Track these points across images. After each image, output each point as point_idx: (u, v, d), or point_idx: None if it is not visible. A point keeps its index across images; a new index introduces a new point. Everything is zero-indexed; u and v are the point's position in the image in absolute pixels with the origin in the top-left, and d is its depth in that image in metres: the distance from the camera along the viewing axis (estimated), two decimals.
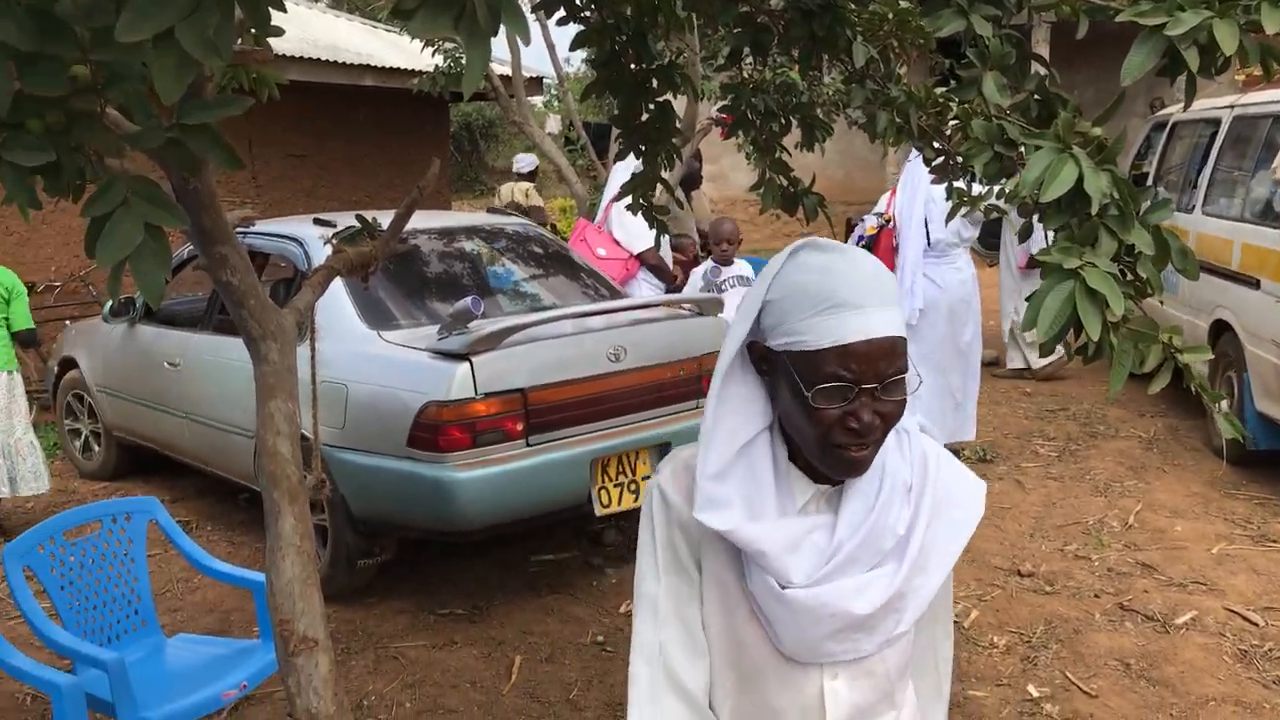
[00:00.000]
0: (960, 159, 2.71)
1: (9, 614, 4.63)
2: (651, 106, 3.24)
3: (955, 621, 4.29)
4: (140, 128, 1.63)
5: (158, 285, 1.55)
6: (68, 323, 7.46)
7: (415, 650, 4.28)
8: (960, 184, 2.97)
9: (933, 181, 3.20)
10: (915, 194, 6.32)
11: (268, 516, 2.26)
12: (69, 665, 3.29)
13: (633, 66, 3.12)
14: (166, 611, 4.48)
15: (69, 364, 6.70)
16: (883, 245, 6.65)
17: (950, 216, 3.55)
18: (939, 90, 2.86)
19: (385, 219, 2.90)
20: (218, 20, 1.28)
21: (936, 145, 2.87)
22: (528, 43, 1.49)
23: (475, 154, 23.64)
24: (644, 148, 3.34)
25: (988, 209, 3.07)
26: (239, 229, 3.02)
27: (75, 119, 1.57)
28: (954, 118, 2.78)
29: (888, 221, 6.59)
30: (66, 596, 3.34)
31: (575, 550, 5.24)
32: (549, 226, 9.54)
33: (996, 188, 2.60)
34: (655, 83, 3.18)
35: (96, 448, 6.66)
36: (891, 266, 6.61)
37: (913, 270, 6.33)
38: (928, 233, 6.32)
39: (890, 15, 2.87)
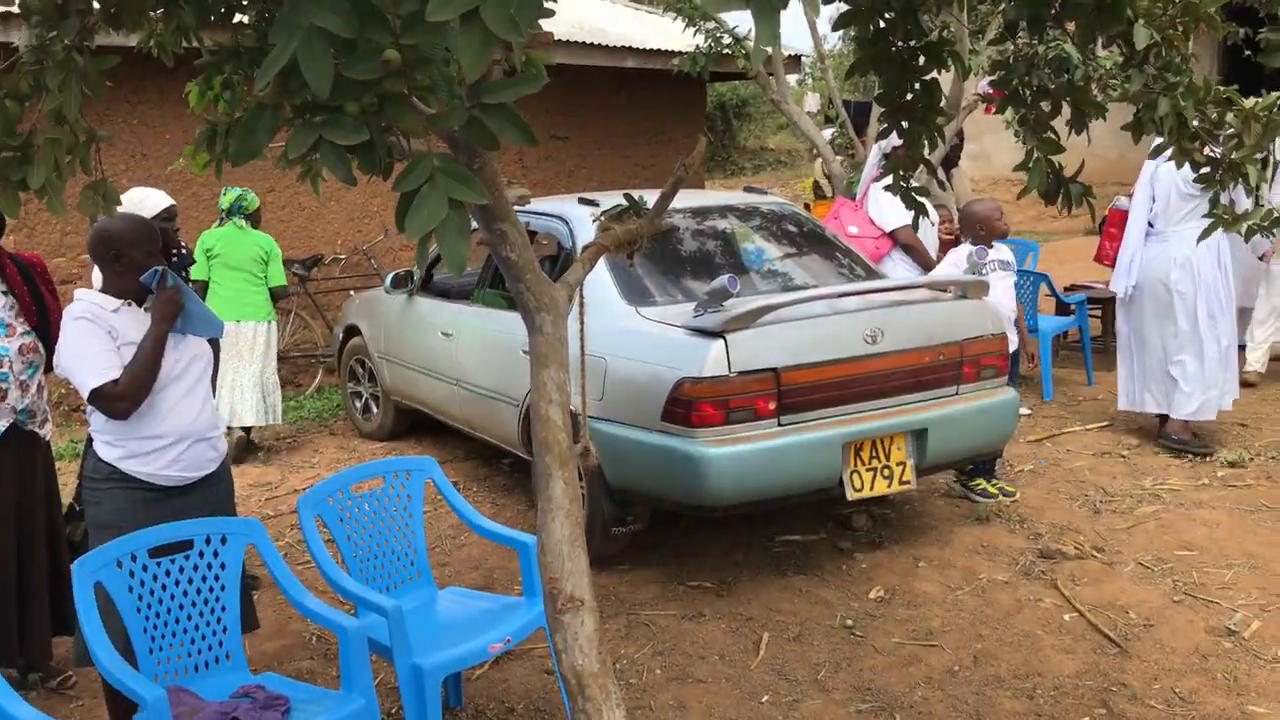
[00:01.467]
0: (1228, 165, 2.54)
1: (299, 558, 5.05)
2: (916, 85, 3.16)
3: (1233, 631, 4.03)
4: (439, 109, 1.74)
5: (459, 256, 1.66)
6: (352, 293, 8.02)
7: (665, 619, 4.39)
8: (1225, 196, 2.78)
9: (1194, 179, 2.98)
10: (1145, 175, 6.23)
11: (539, 480, 2.37)
12: (351, 609, 3.56)
13: (899, 44, 3.06)
14: (435, 565, 4.77)
15: (352, 331, 7.21)
16: (1112, 222, 7.05)
17: (1204, 235, 3.23)
18: (1221, 88, 2.68)
19: (648, 198, 2.97)
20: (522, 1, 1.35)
21: (1208, 151, 2.69)
22: (817, 14, 1.49)
23: (728, 133, 23.73)
24: (906, 126, 3.27)
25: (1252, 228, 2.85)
26: (515, 207, 3.16)
27: (386, 101, 1.69)
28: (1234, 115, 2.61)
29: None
30: (351, 546, 3.61)
31: (822, 533, 5.22)
32: (803, 206, 9.45)
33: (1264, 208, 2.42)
34: (921, 60, 3.11)
35: (375, 410, 7.15)
36: (1115, 244, 6.69)
37: (1132, 250, 6.26)
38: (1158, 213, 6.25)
39: None
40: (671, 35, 10.35)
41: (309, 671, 4.04)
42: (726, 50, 9.33)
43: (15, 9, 2.16)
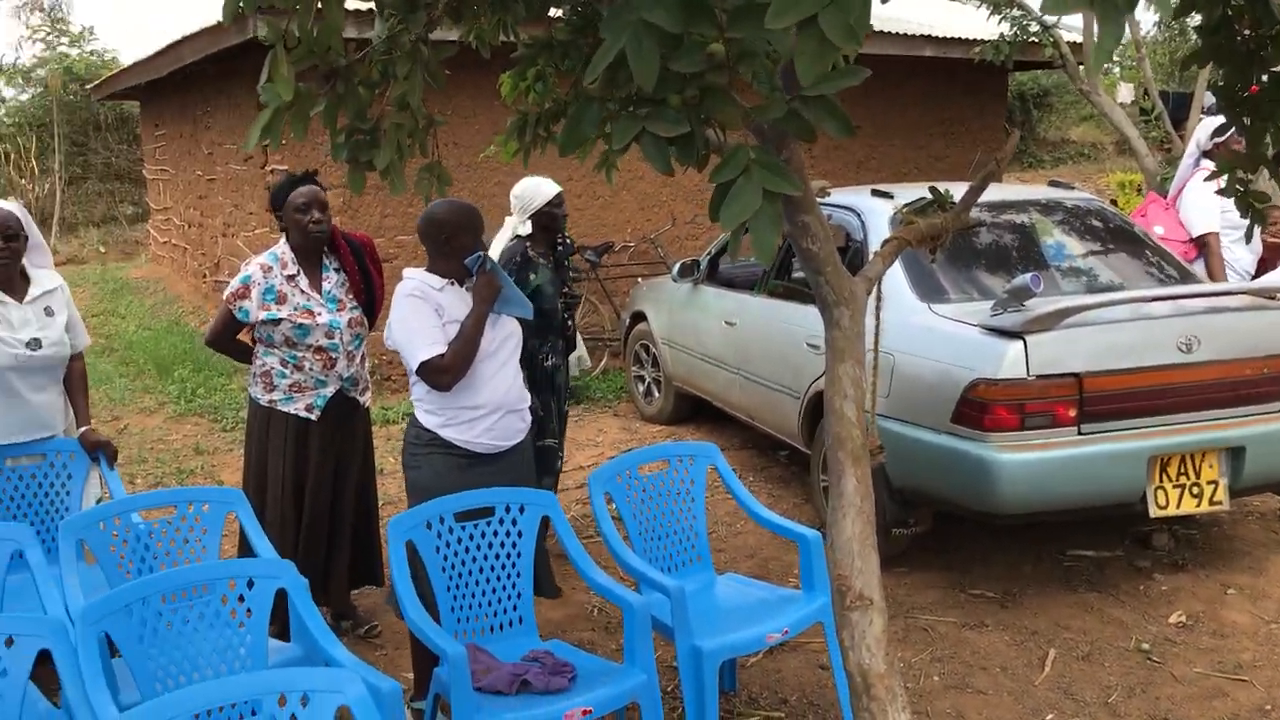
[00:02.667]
0: None
1: (586, 532, 5.24)
2: (1263, 77, 2.91)
3: None
4: (761, 101, 1.76)
5: (770, 247, 1.67)
6: (639, 280, 8.25)
7: (944, 626, 4.27)
8: None
9: None
10: None
11: (831, 476, 2.36)
12: (634, 586, 3.67)
13: (1245, 32, 2.82)
14: (711, 551, 4.83)
15: (639, 317, 7.41)
16: None
17: None
18: None
19: (955, 191, 2.88)
20: (860, 8, 1.35)
21: None
22: (1169, 15, 1.41)
23: (1027, 124, 22.65)
24: (1249, 122, 3.01)
25: None
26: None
27: (707, 93, 1.72)
28: None
29: None
30: (636, 524, 3.72)
31: (1118, 549, 4.92)
32: (1110, 202, 8.91)
33: None
34: (1270, 50, 2.85)
35: (657, 394, 7.32)
36: None
37: None
38: None
39: None
40: (974, 22, 10.01)
41: (589, 642, 4.20)
42: (1033, 38, 8.92)
43: (372, 4, 2.35)
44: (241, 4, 1.99)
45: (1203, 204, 5.73)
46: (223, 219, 10.77)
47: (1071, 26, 9.56)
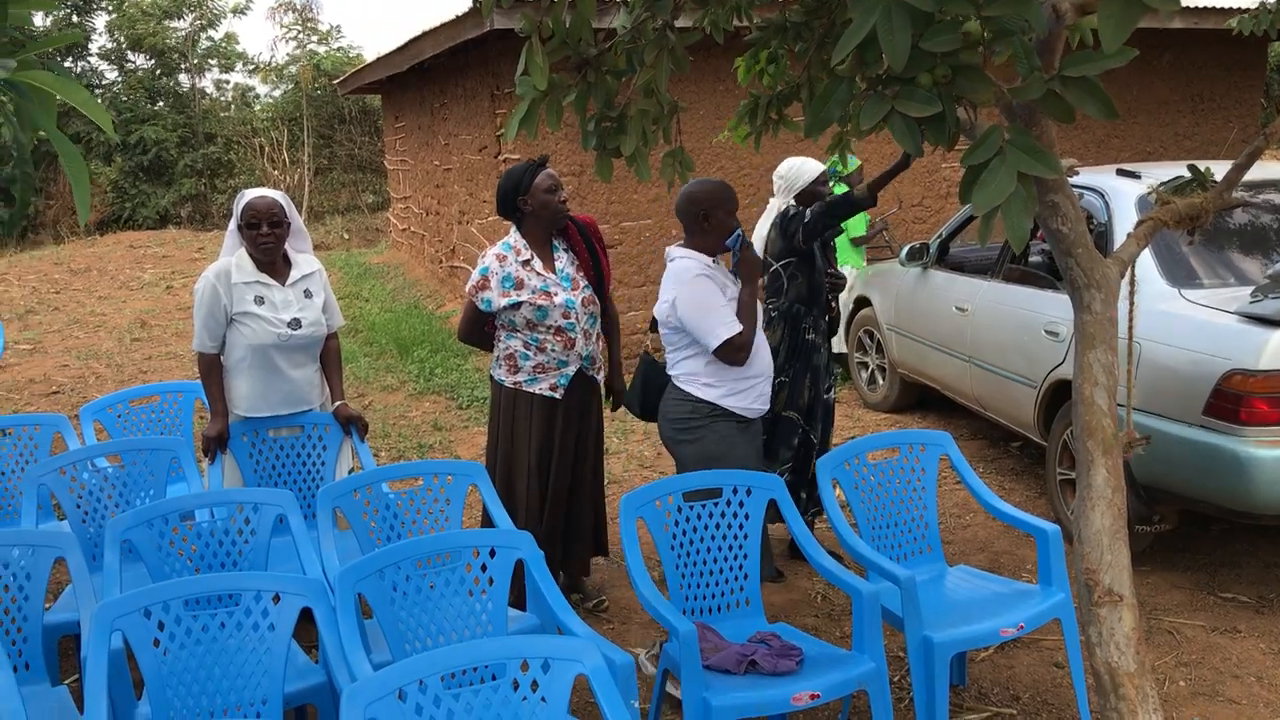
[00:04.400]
0: None
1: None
2: None
3: None
4: (1010, 82, 1.70)
5: (1023, 231, 1.62)
6: (865, 264, 8.11)
7: (1192, 629, 4.03)
8: None
9: None
10: None
11: (1079, 466, 2.27)
12: (863, 573, 3.63)
13: None
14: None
15: (863, 302, 7.30)
16: None
17: None
18: None
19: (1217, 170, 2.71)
20: None
21: None
22: None
23: None
24: None
25: None
26: None
27: (960, 72, 1.68)
28: None
29: None
30: (865, 512, 3.68)
31: None
32: None
33: None
34: None
35: (881, 381, 7.20)
36: None
37: None
38: None
39: None
40: None
41: (812, 628, 4.18)
42: None
43: None
44: None
45: None
46: (458, 206, 11.24)
47: None
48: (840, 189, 7.19)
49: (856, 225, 7.76)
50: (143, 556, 3.38)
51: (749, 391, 3.71)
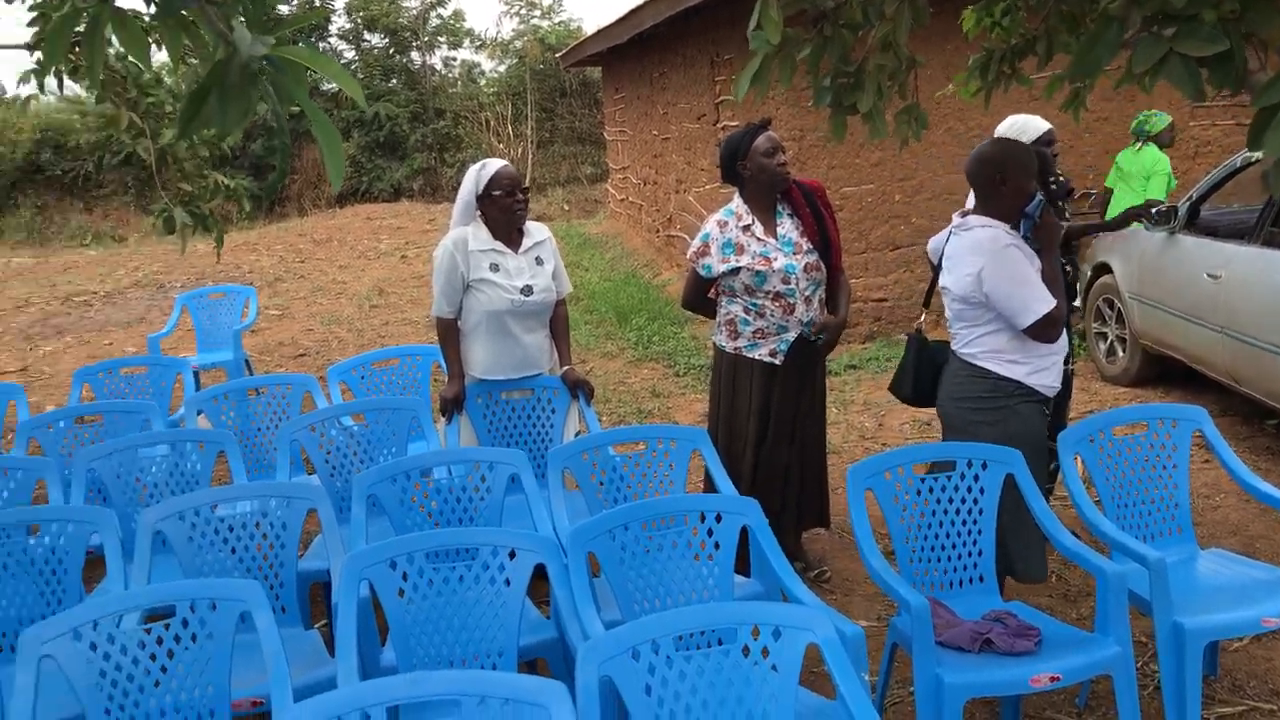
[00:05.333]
0: None
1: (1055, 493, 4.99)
2: None
3: None
4: None
5: None
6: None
7: None
8: None
9: None
10: None
11: None
12: (1105, 553, 3.44)
13: None
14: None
15: (1102, 269, 6.90)
16: None
17: None
18: None
19: None
20: None
21: None
22: None
23: None
24: None
25: None
26: None
27: (1249, 6, 1.53)
28: None
29: None
30: (1110, 489, 3.48)
31: None
32: None
33: None
34: None
35: (1120, 353, 6.81)
36: None
37: None
38: None
39: None
40: None
41: (1046, 608, 3.98)
42: None
43: None
44: None
45: None
46: (675, 176, 11.29)
47: None
48: (1150, 152, 7.33)
49: (1153, 189, 7.33)
50: (386, 510, 3.54)
51: (1052, 369, 3.48)
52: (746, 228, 4.04)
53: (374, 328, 10.13)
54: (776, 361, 4.07)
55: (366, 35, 25.84)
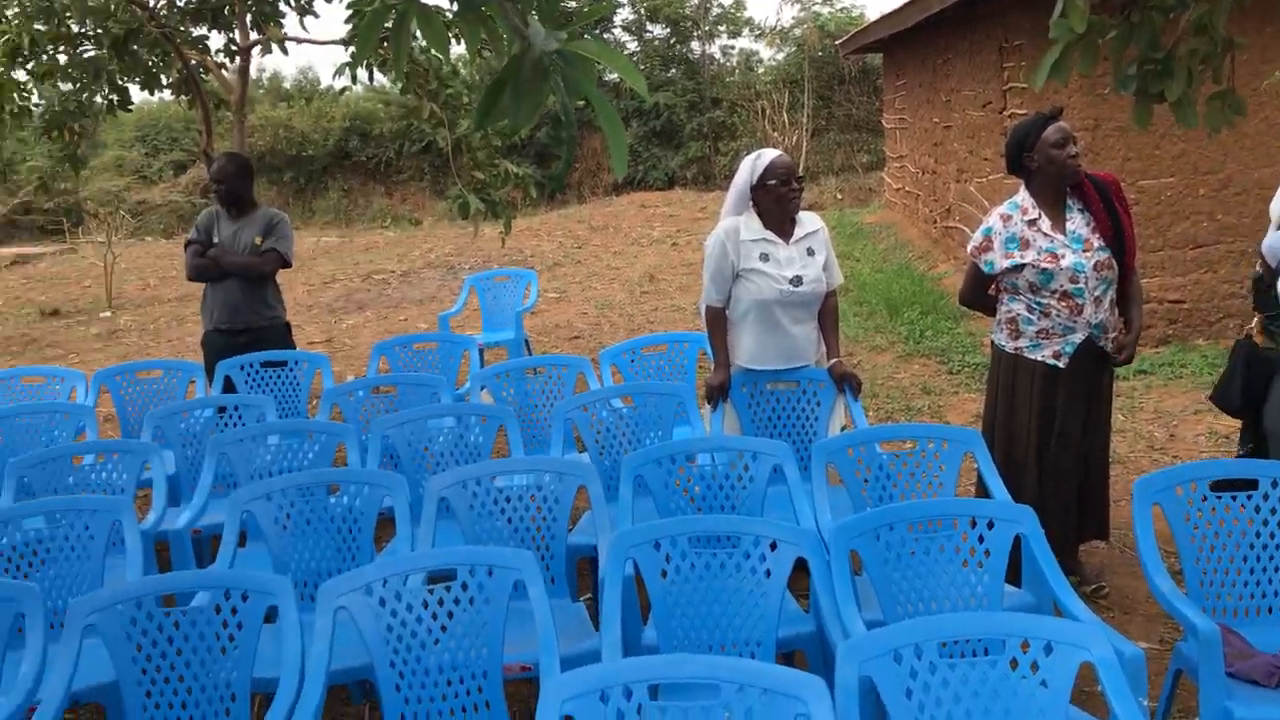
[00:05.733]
0: None
1: None
2: None
3: None
4: None
5: None
6: None
7: None
8: None
9: None
10: None
11: None
12: None
13: None
14: None
15: None
16: None
17: None
18: None
19: None
20: None
21: None
22: None
23: None
24: None
25: None
26: None
27: None
28: None
29: None
30: None
31: None
32: None
33: None
34: None
35: None
36: None
37: None
38: None
39: None
40: None
41: None
42: None
43: None
44: None
45: None
46: (956, 165, 10.93)
47: None
48: None
49: None
50: (651, 491, 3.63)
51: None
52: (1032, 222, 3.87)
53: (644, 313, 10.37)
54: (1060, 365, 3.88)
55: (649, 26, 26.38)
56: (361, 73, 6.83)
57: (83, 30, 6.77)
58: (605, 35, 25.28)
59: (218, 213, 5.66)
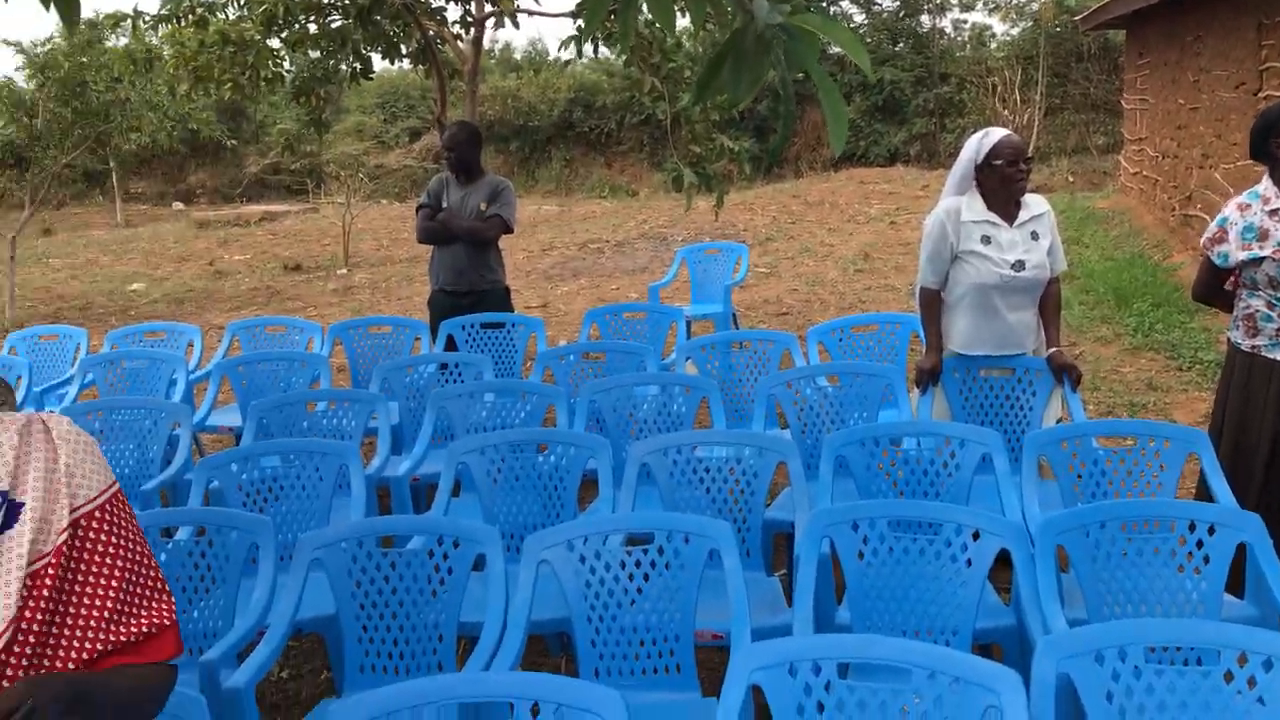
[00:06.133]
0: None
1: None
2: None
3: None
4: None
5: None
6: None
7: None
8: None
9: None
10: None
11: None
12: None
13: None
14: None
15: None
16: None
17: None
18: None
19: None
20: None
21: None
22: None
23: None
24: None
25: None
26: None
27: None
28: None
29: None
30: None
31: None
32: None
33: None
34: None
35: None
36: None
37: None
38: None
39: None
40: None
41: None
42: None
43: None
44: None
45: None
46: (1200, 150, 10.27)
47: None
48: None
49: None
50: (853, 473, 3.61)
51: None
52: (1274, 212, 3.60)
53: (855, 292, 10.22)
54: None
55: None
56: (588, 46, 6.99)
57: (331, 1, 7.19)
58: (832, 9, 24.86)
59: (448, 179, 5.92)
